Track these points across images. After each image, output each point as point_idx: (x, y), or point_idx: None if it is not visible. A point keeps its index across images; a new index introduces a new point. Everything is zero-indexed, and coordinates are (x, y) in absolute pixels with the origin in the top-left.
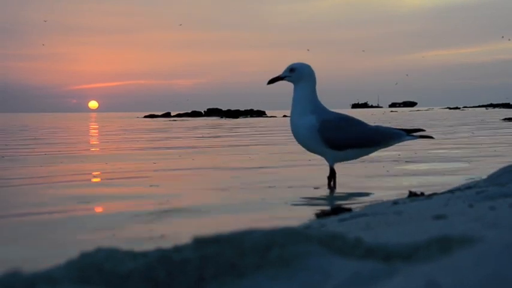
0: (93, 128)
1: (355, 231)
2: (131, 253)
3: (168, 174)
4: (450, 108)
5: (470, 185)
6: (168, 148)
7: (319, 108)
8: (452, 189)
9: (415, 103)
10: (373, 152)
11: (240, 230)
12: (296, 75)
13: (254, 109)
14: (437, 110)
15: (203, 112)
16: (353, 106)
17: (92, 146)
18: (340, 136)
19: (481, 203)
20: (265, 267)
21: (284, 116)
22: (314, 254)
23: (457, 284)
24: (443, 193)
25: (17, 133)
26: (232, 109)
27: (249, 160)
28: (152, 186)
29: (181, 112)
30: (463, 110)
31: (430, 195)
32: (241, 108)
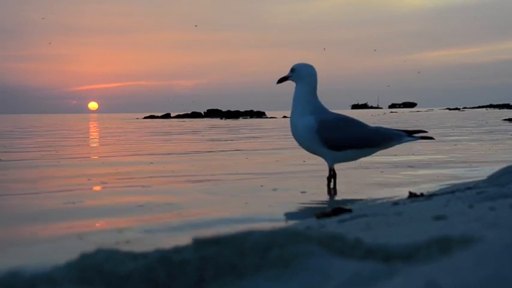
0: (120, 130)
1: (355, 231)
2: (131, 254)
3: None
4: (450, 109)
5: (470, 186)
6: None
7: (318, 108)
8: (452, 189)
9: (415, 104)
10: (373, 153)
11: (240, 231)
12: (296, 75)
13: (254, 110)
14: (437, 111)
15: (203, 113)
16: (353, 107)
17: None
18: (338, 137)
19: (481, 204)
20: (265, 267)
21: (284, 117)
22: (314, 255)
23: (457, 285)
24: (443, 194)
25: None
26: (232, 110)
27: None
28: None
29: (181, 113)
30: (463, 111)
31: (430, 195)
32: (241, 109)
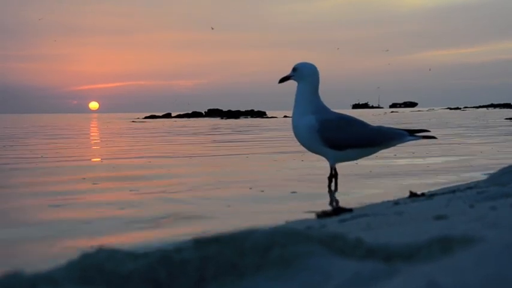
0: (139, 131)
1: (355, 231)
2: (132, 254)
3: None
4: (451, 108)
5: (471, 185)
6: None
7: (320, 108)
8: (453, 189)
9: (416, 103)
10: (375, 153)
11: (241, 230)
12: (298, 74)
13: (255, 110)
14: (438, 111)
15: (203, 113)
16: (353, 106)
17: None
18: (339, 136)
19: (482, 203)
20: (265, 267)
21: (285, 117)
22: (314, 254)
23: (458, 285)
24: (444, 193)
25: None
26: (232, 110)
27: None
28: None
29: (181, 113)
30: (464, 110)
31: (431, 195)
32: (241, 108)
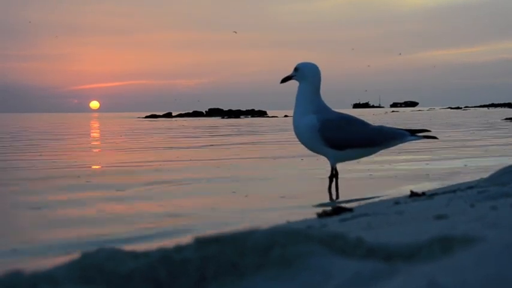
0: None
1: (356, 231)
2: (132, 253)
3: None
4: (452, 108)
5: (471, 185)
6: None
7: (321, 107)
8: (454, 188)
9: (417, 103)
10: (376, 152)
11: (241, 230)
12: (299, 74)
13: (255, 109)
14: (438, 110)
15: (204, 112)
16: (354, 106)
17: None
18: (340, 136)
19: (483, 203)
20: (266, 267)
21: (285, 116)
22: (315, 254)
23: (458, 284)
24: (444, 193)
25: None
26: (233, 109)
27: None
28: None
29: (182, 112)
30: (465, 110)
31: (432, 195)
32: (242, 108)
